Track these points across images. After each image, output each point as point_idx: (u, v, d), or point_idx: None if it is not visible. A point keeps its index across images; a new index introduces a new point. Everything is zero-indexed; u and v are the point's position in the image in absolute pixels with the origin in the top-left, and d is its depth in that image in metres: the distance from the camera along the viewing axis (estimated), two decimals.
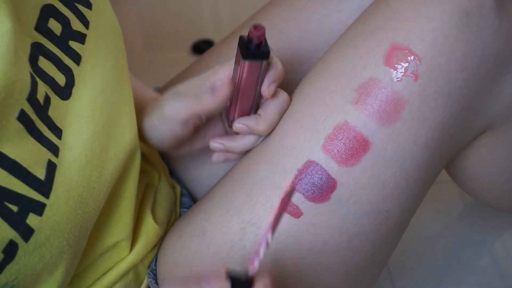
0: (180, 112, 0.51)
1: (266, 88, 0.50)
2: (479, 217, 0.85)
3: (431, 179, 0.53)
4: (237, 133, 0.54)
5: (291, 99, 0.53)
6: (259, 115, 0.52)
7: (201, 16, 1.16)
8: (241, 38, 0.48)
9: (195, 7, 1.17)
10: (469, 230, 0.83)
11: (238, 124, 0.52)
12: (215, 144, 0.54)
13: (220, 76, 0.50)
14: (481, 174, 0.63)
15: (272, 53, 0.49)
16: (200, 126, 0.53)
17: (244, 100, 0.51)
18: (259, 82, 0.50)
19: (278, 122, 0.52)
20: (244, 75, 0.49)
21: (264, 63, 0.49)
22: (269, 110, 0.52)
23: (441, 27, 0.48)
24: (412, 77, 0.48)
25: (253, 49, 0.47)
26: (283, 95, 0.52)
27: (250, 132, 0.52)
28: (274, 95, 0.51)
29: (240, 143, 0.54)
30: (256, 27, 0.46)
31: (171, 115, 0.51)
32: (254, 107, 0.53)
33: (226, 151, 0.54)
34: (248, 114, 0.53)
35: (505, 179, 0.63)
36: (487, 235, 0.83)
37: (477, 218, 0.85)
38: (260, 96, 0.51)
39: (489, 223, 0.83)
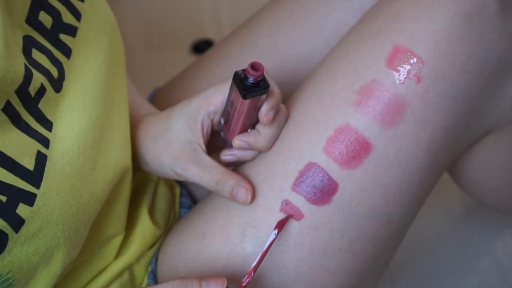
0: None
1: (265, 116, 0.48)
2: (480, 218, 0.85)
3: (433, 182, 0.53)
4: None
5: (292, 101, 0.53)
6: (258, 131, 0.51)
7: (201, 16, 1.16)
8: (237, 74, 0.45)
9: (194, 7, 1.17)
10: (470, 230, 0.83)
11: (238, 141, 0.51)
12: (226, 157, 0.53)
13: (214, 102, 0.50)
14: (483, 176, 0.63)
15: (269, 81, 0.47)
16: None
17: (241, 125, 0.50)
18: (258, 108, 0.48)
19: (278, 136, 0.51)
20: (244, 110, 0.47)
21: (263, 96, 0.47)
22: (267, 127, 0.50)
23: (444, 30, 0.48)
24: (414, 79, 0.48)
25: (253, 88, 0.45)
26: (281, 110, 0.51)
27: (251, 149, 0.51)
28: None
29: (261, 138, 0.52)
30: (254, 66, 0.44)
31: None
32: (251, 127, 0.51)
33: (249, 148, 0.52)
34: (246, 131, 0.51)
35: (508, 182, 0.63)
36: (488, 236, 0.83)
37: (478, 219, 0.85)
38: (257, 118, 0.50)
39: (490, 223, 0.83)
